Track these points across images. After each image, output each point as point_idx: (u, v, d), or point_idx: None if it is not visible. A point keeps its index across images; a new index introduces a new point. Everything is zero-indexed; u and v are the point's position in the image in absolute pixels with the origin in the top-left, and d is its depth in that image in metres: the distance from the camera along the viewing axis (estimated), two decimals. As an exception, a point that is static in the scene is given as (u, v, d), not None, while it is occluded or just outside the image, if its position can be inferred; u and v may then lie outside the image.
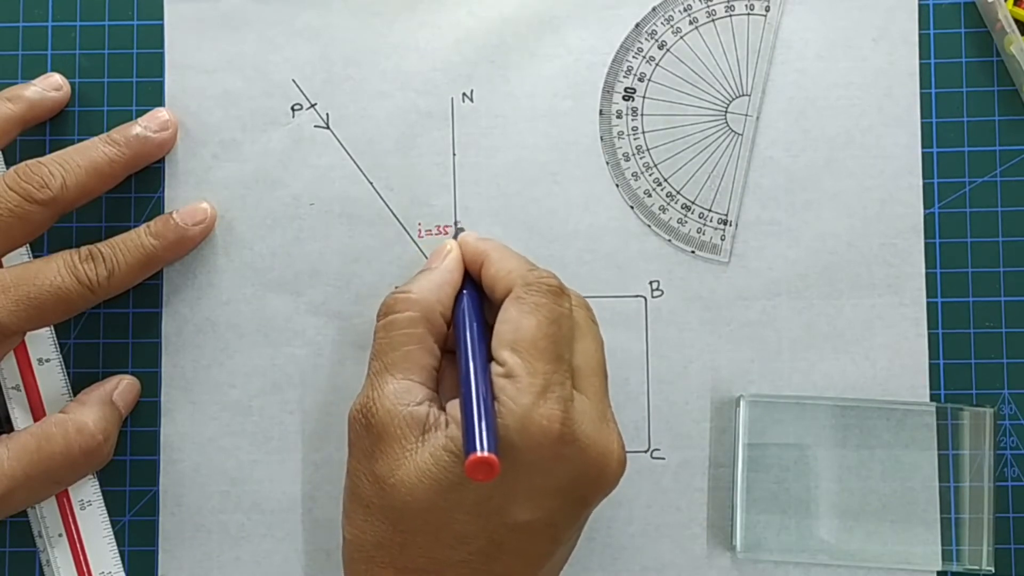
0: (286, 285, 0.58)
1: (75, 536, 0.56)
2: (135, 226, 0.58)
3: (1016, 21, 0.56)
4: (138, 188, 0.58)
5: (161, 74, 0.59)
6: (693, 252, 0.57)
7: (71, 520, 0.56)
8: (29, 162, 0.53)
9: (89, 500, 0.56)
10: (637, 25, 0.58)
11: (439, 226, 0.58)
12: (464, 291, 0.52)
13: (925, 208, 0.57)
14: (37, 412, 0.56)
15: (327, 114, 0.59)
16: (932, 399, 0.56)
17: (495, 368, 0.47)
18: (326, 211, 0.58)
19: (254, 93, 0.59)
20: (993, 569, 0.55)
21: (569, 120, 0.58)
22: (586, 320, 0.50)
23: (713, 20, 0.58)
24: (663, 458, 0.57)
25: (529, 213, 0.58)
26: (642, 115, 0.58)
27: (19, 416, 0.56)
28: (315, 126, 0.59)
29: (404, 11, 0.59)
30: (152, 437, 0.57)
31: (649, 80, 0.58)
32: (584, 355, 0.49)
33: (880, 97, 0.57)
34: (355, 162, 0.58)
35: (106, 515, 0.57)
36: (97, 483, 0.57)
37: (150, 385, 0.57)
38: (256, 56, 0.59)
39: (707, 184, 0.58)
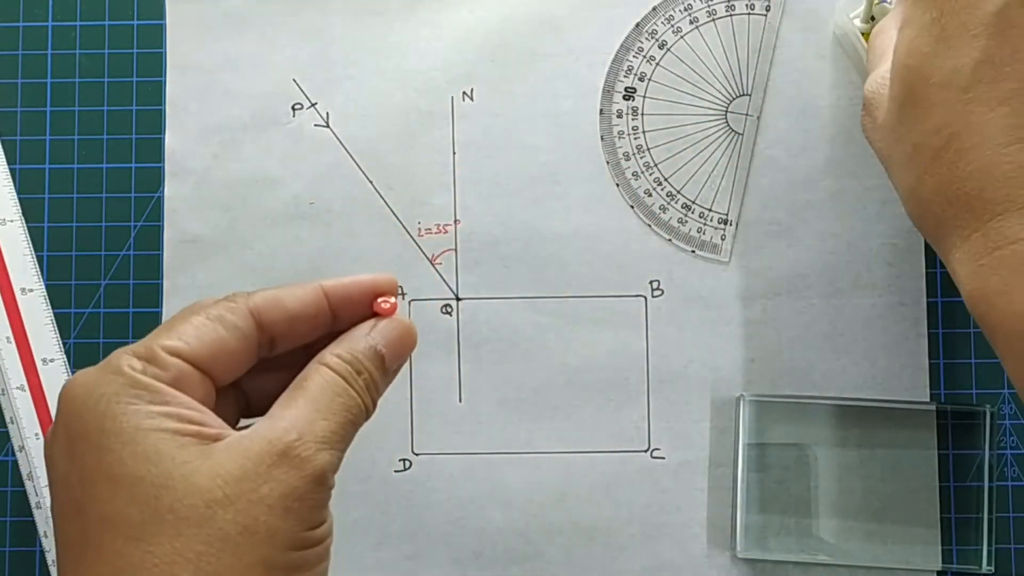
0: (286, 285, 0.58)
1: (79, 534, 0.56)
2: (135, 226, 0.58)
3: None
4: (138, 188, 0.58)
5: (161, 74, 0.59)
6: (693, 252, 0.57)
7: (74, 518, 0.56)
8: None
9: (93, 498, 0.57)
10: (637, 25, 0.58)
11: (439, 225, 0.58)
12: None
13: (925, 208, 0.57)
14: (42, 412, 0.56)
15: (327, 113, 0.59)
16: (932, 399, 0.56)
17: None
18: (326, 211, 0.58)
19: (254, 93, 0.59)
20: (993, 569, 0.55)
21: (569, 119, 0.58)
22: None
23: (713, 20, 0.58)
24: (663, 458, 0.57)
25: (529, 213, 0.58)
26: (642, 114, 0.58)
27: (24, 416, 0.56)
28: (315, 125, 0.59)
29: (404, 11, 0.59)
30: (152, 437, 0.57)
31: (649, 80, 0.58)
32: None
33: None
34: (355, 161, 0.58)
35: (109, 513, 0.57)
36: (100, 480, 0.57)
37: (150, 385, 0.57)
38: (256, 56, 0.59)
39: (707, 184, 0.58)
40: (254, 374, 0.38)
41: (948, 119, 0.40)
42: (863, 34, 0.54)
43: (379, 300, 0.38)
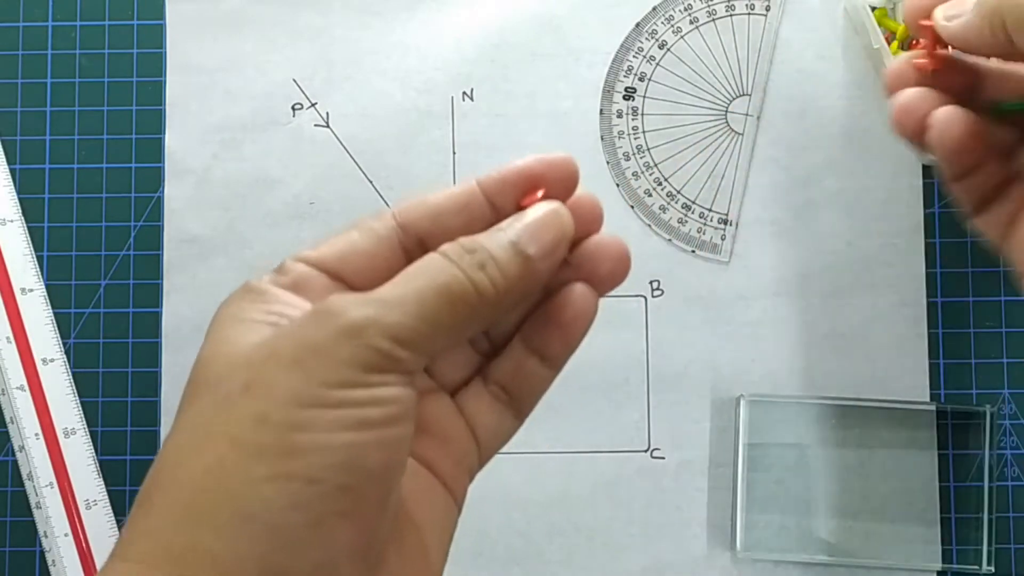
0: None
1: (80, 535, 0.56)
2: (135, 226, 0.58)
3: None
4: (138, 188, 0.58)
5: (161, 74, 0.59)
6: (693, 252, 0.57)
7: (76, 520, 0.56)
8: None
9: (95, 499, 0.56)
10: (637, 25, 0.58)
11: (439, 225, 0.58)
12: None
13: (925, 208, 0.57)
14: (42, 412, 0.56)
15: (327, 113, 0.59)
16: (932, 399, 0.56)
17: None
18: (326, 211, 0.58)
19: (254, 93, 0.59)
20: (993, 569, 0.55)
21: (569, 119, 0.58)
22: None
23: (713, 20, 0.58)
24: (663, 458, 0.57)
25: (529, 213, 0.58)
26: (642, 114, 0.58)
27: (24, 416, 0.56)
28: (315, 125, 0.59)
29: (404, 11, 0.59)
30: (152, 437, 0.57)
31: (650, 80, 0.58)
32: None
33: (880, 97, 0.57)
34: (355, 161, 0.58)
35: (112, 514, 0.57)
36: (103, 482, 0.57)
37: (150, 385, 0.57)
38: (256, 56, 0.59)
39: (707, 184, 0.58)
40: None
41: None
42: (872, 8, 0.54)
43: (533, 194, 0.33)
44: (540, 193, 0.33)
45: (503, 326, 0.34)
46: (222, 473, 0.27)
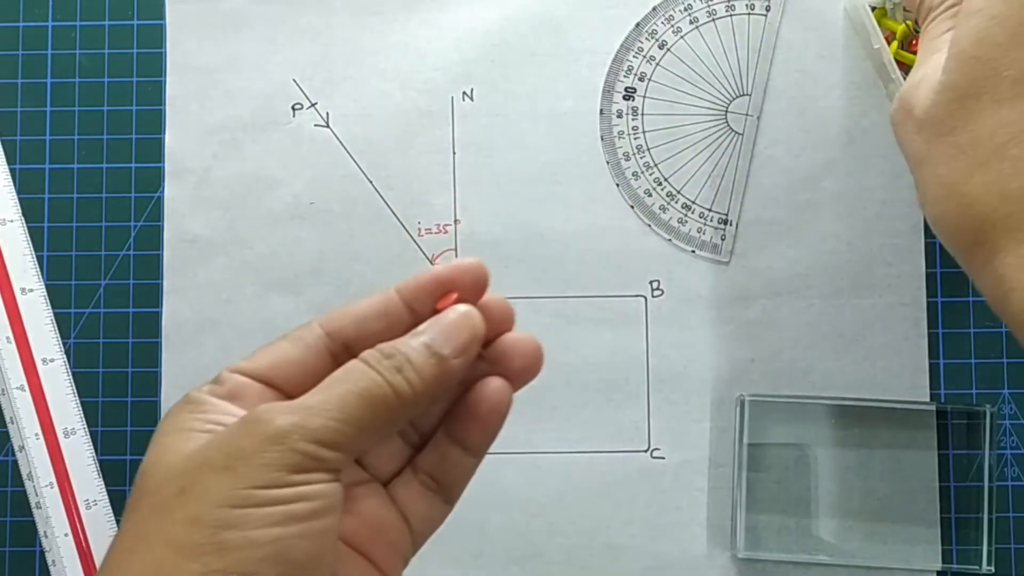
0: (286, 285, 0.58)
1: (80, 535, 0.56)
2: (135, 226, 0.58)
3: (905, 65, 0.55)
4: (138, 188, 0.58)
5: (161, 74, 0.59)
6: (693, 252, 0.57)
7: (76, 520, 0.56)
8: None
9: (95, 499, 0.56)
10: (637, 25, 0.58)
11: (439, 225, 0.58)
12: None
13: (925, 208, 0.57)
14: (42, 412, 0.56)
15: (327, 113, 0.59)
16: (932, 399, 0.56)
17: None
18: (326, 211, 0.58)
19: (254, 93, 0.59)
20: (993, 569, 0.55)
21: (569, 119, 0.58)
22: None
23: (713, 20, 0.58)
24: (663, 458, 0.57)
25: (529, 213, 0.58)
26: (642, 114, 0.58)
27: (24, 416, 0.56)
28: (315, 125, 0.59)
29: (404, 11, 0.59)
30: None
31: (650, 80, 0.58)
32: None
33: (880, 97, 0.57)
34: (355, 161, 0.58)
35: (112, 514, 0.57)
36: (103, 482, 0.57)
37: (150, 385, 0.57)
38: (256, 56, 0.59)
39: (707, 184, 0.58)
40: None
41: (1020, 114, 0.39)
42: (872, 8, 0.54)
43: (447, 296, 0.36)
44: (454, 297, 0.35)
45: (429, 419, 0.37)
46: (160, 574, 0.30)
